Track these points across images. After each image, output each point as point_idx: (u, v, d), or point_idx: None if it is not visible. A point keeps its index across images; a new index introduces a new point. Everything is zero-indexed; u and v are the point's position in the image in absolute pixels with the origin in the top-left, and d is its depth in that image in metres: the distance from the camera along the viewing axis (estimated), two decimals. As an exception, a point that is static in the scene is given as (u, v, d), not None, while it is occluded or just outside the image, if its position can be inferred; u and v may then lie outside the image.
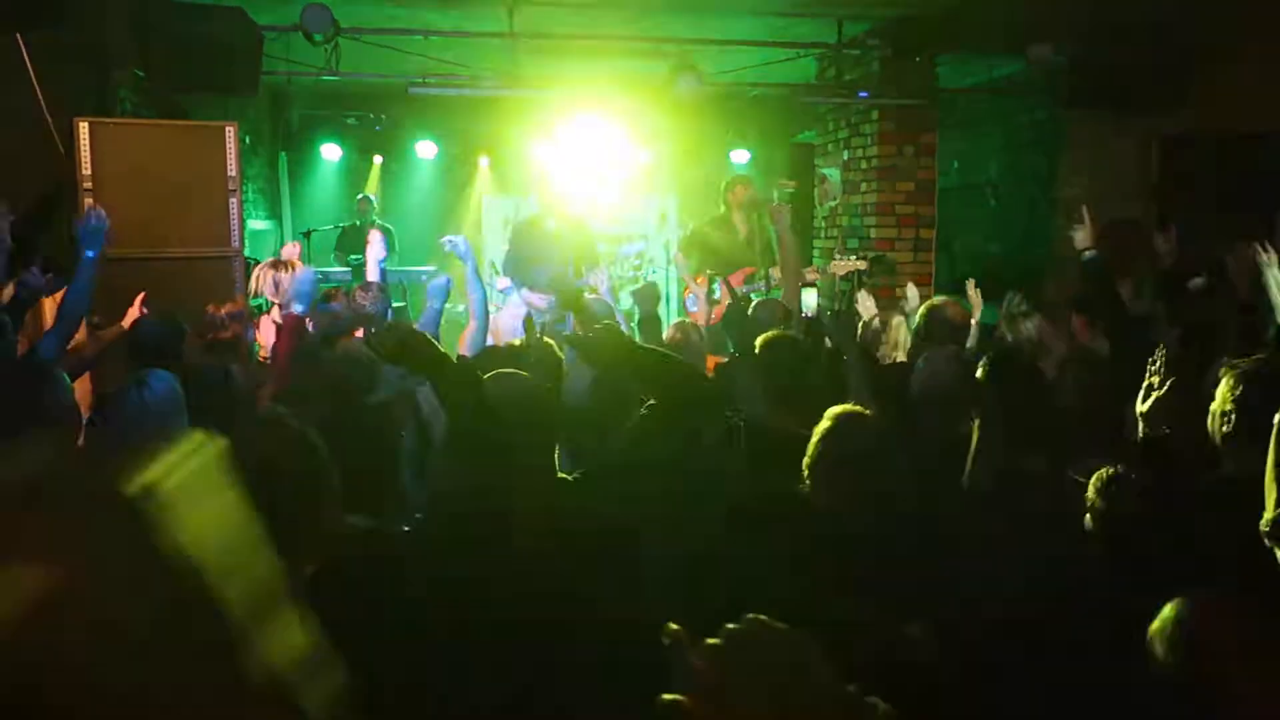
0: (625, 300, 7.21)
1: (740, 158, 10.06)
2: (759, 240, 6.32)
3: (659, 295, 6.95)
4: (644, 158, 9.77)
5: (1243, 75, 6.13)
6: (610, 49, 7.40)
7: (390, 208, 10.55)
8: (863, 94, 7.26)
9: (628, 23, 7.01)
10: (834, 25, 7.09)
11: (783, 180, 8.96)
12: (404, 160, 10.86)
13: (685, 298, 7.26)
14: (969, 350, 3.90)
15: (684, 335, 4.43)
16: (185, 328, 3.76)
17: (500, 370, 2.42)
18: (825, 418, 2.50)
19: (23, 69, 4.92)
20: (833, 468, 2.43)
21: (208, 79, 6.01)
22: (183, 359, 3.63)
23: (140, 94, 6.20)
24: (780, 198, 6.58)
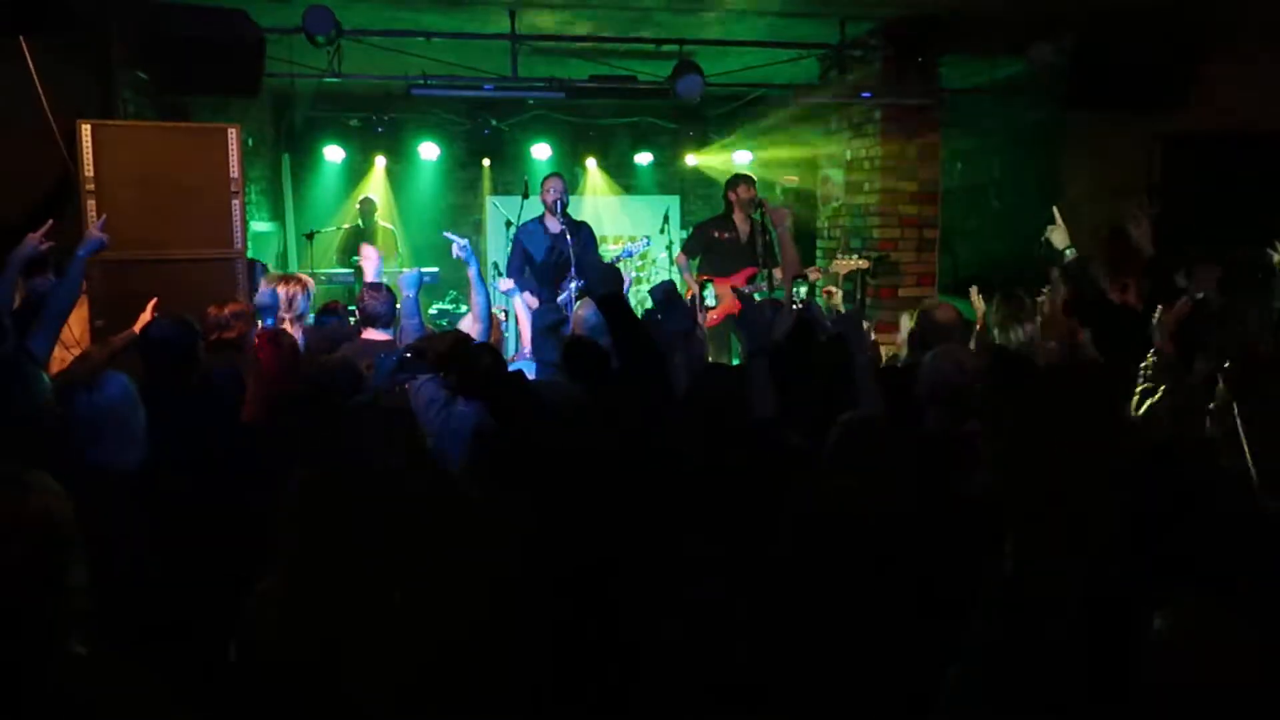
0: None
1: (742, 157, 10.03)
2: (761, 240, 6.31)
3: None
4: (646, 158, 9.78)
5: (1246, 75, 6.12)
6: (612, 51, 7.39)
7: (393, 209, 10.56)
8: (865, 94, 7.25)
9: (629, 24, 7.01)
10: (836, 25, 7.08)
11: (786, 176, 8.96)
12: (406, 162, 10.86)
13: (687, 299, 7.24)
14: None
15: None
16: (199, 330, 3.69)
17: None
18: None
19: (26, 71, 4.93)
20: None
21: (210, 81, 6.01)
22: (199, 361, 3.60)
23: (143, 96, 6.21)
24: (783, 191, 6.55)
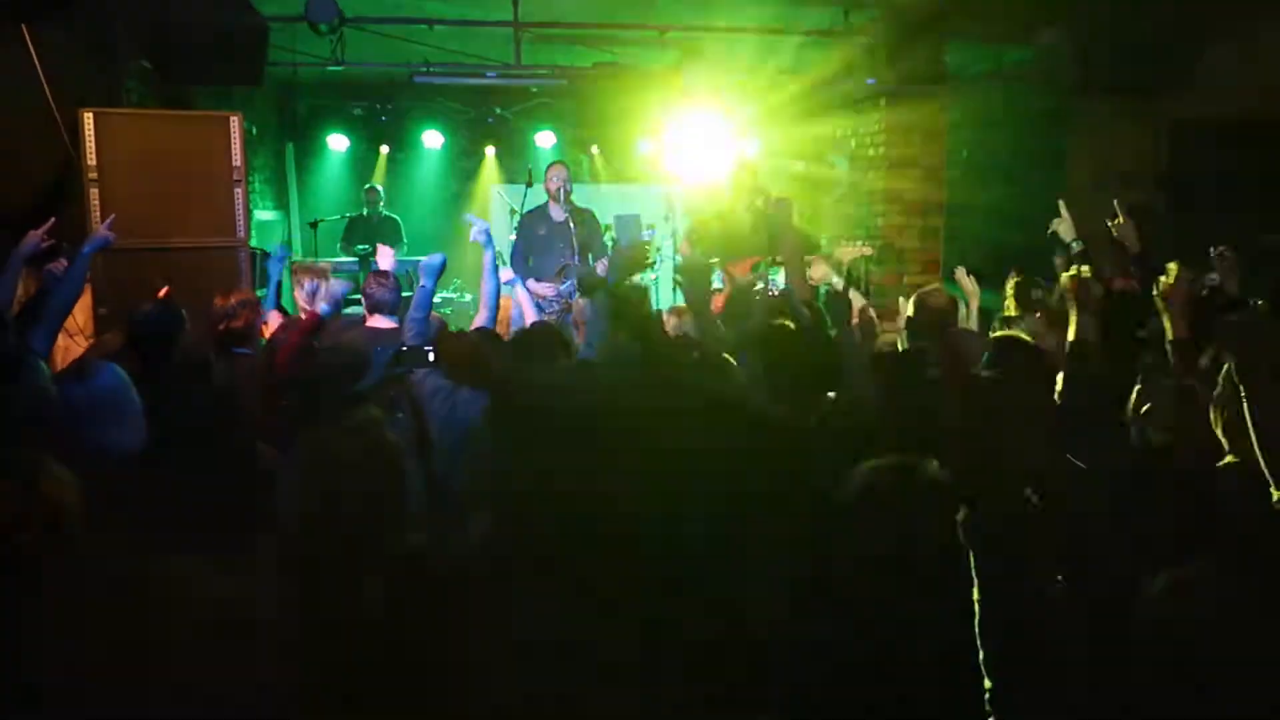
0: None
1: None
2: (764, 228, 6.28)
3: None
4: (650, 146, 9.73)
5: (1254, 61, 6.08)
6: (616, 38, 7.37)
7: (397, 198, 10.54)
8: (870, 81, 7.22)
9: (633, 11, 6.98)
10: (840, 11, 7.05)
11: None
12: (411, 150, 10.85)
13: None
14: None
15: (680, 320, 4.43)
16: (183, 316, 3.74)
17: None
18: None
19: (29, 60, 4.93)
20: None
21: (213, 70, 6.02)
22: (180, 347, 3.62)
23: (145, 85, 6.20)
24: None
